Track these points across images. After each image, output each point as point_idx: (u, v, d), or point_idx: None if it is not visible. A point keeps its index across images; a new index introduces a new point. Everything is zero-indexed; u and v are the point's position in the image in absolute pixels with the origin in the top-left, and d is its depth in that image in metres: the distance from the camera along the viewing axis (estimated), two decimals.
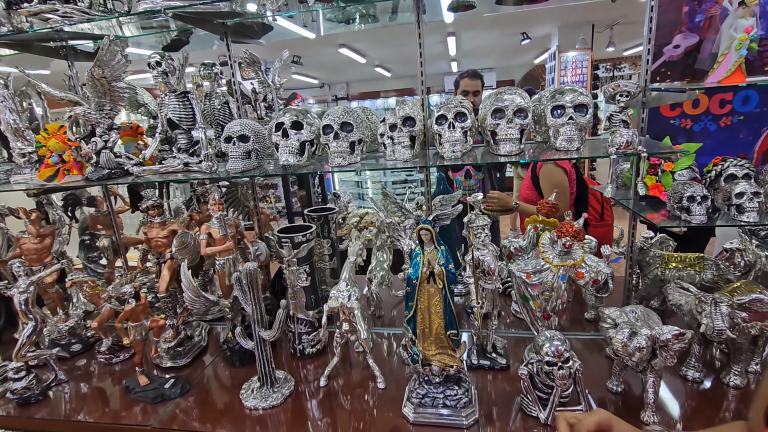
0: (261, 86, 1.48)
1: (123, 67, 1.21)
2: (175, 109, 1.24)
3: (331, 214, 1.45)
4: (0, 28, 1.21)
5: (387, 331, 1.47)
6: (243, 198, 1.53)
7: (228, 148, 1.16)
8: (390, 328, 1.49)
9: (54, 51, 1.41)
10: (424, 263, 0.95)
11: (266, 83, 1.46)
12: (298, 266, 1.25)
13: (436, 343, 0.99)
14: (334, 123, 1.10)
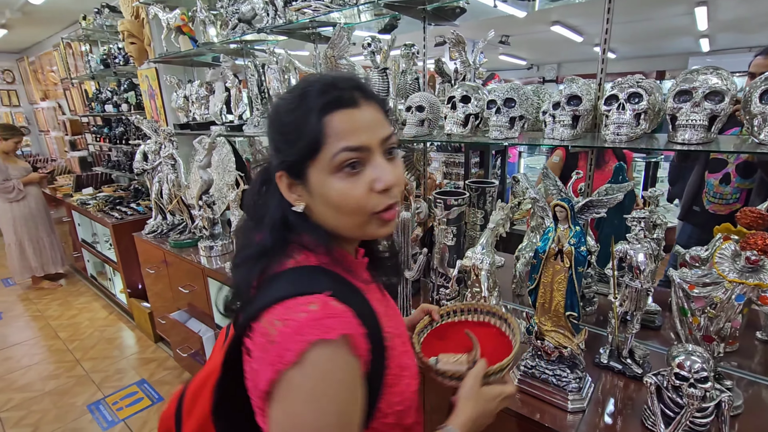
0: (463, 66, 1.61)
1: (346, 47, 1.57)
2: (375, 82, 1.54)
3: (489, 188, 1.54)
4: (278, 20, 1.73)
5: (525, 309, 1.50)
6: (416, 163, 1.77)
7: (406, 116, 1.38)
8: (529, 308, 1.51)
9: (307, 36, 1.90)
10: (554, 239, 0.97)
11: (468, 63, 1.60)
12: (447, 226, 1.41)
13: (553, 320, 1.01)
14: (498, 98, 1.18)
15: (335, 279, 0.62)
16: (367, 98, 0.60)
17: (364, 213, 0.59)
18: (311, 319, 0.52)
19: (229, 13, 1.97)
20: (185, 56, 2.49)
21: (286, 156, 0.60)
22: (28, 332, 3.30)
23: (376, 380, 0.59)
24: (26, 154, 6.09)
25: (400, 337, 0.68)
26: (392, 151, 0.62)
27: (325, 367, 0.52)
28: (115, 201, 3.48)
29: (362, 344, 0.56)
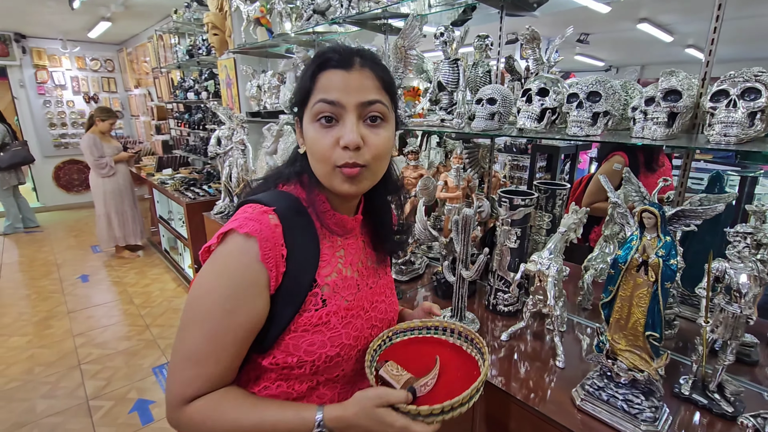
0: (535, 64, 1.51)
1: (417, 38, 1.54)
2: (445, 73, 1.49)
3: (559, 190, 1.43)
4: (351, 10, 1.74)
5: (590, 325, 1.38)
6: (481, 160, 1.69)
7: (476, 108, 1.32)
8: (594, 322, 1.38)
9: (378, 27, 1.90)
10: (638, 249, 0.86)
11: (541, 61, 1.49)
12: (511, 227, 1.33)
13: (629, 338, 0.90)
14: (581, 91, 1.08)
15: (295, 209, 0.70)
16: (365, 65, 0.66)
17: (329, 163, 0.66)
18: (242, 216, 0.66)
19: (305, 5, 2.01)
20: (261, 47, 2.59)
21: (293, 102, 0.72)
22: (108, 295, 3.66)
23: (286, 305, 0.66)
24: (119, 136, 6.75)
25: (339, 298, 0.72)
26: (375, 119, 0.67)
27: (226, 250, 0.64)
28: (190, 182, 3.74)
29: (272, 257, 0.63)
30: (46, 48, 6.30)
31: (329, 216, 0.74)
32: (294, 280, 0.66)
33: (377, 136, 0.67)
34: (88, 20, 5.05)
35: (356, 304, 0.75)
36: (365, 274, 0.80)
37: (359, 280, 0.78)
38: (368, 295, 0.79)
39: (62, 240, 5.17)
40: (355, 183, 0.67)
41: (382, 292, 0.84)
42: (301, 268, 0.67)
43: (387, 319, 0.84)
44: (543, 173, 3.31)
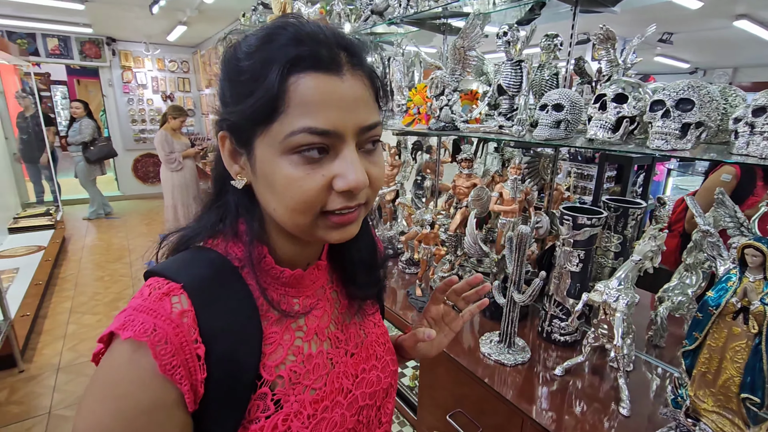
0: (609, 65, 1.35)
1: (478, 38, 1.43)
2: (507, 76, 1.38)
3: (633, 209, 1.26)
4: (409, 10, 1.67)
5: (662, 366, 1.20)
6: (543, 171, 1.55)
7: (540, 115, 1.20)
8: (667, 365, 1.20)
9: (437, 27, 1.81)
10: (737, 292, 0.71)
11: (615, 62, 1.33)
12: (573, 248, 1.19)
13: (718, 398, 0.75)
14: (668, 98, 0.93)
15: (220, 278, 0.49)
16: (356, 66, 0.46)
17: (312, 211, 0.46)
18: (134, 305, 0.44)
19: (363, 5, 1.98)
20: None
21: (231, 113, 0.46)
22: None
23: (221, 417, 0.46)
24: (189, 133, 7.25)
25: (301, 390, 0.51)
26: (374, 144, 0.49)
27: (109, 365, 0.43)
28: None
29: (179, 364, 0.42)
30: (132, 50, 6.92)
31: (272, 277, 0.53)
32: (225, 384, 0.46)
33: (377, 167, 0.49)
34: (167, 24, 5.45)
35: (330, 389, 0.54)
36: (341, 338, 0.60)
37: (332, 351, 0.57)
38: (349, 368, 0.58)
39: (135, 227, 5.62)
40: (349, 228, 0.49)
41: (371, 355, 0.63)
42: (232, 365, 0.46)
43: (382, 390, 0.63)
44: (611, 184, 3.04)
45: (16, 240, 3.90)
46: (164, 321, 0.43)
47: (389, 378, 0.65)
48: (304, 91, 0.42)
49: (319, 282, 0.59)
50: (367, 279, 0.63)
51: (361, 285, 0.62)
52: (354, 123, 0.45)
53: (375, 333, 0.66)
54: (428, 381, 1.38)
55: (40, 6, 4.70)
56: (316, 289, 0.58)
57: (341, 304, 0.62)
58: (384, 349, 0.66)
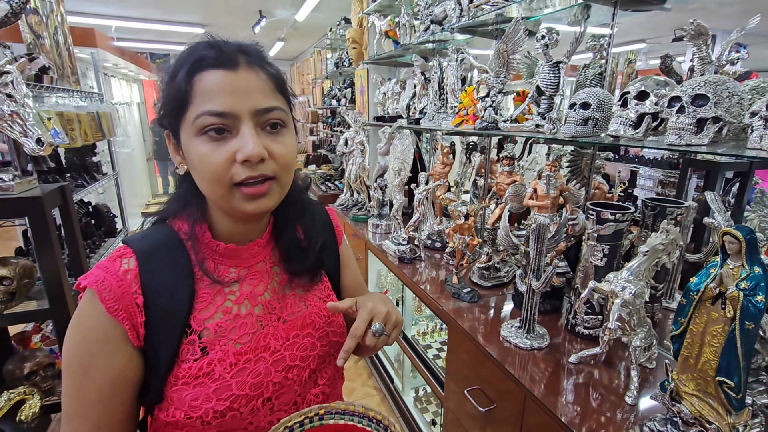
0: (700, 63, 1.21)
1: (521, 41, 1.51)
2: (545, 77, 1.43)
3: (672, 208, 1.24)
4: (462, 19, 1.80)
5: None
6: (585, 169, 1.56)
7: (568, 113, 1.25)
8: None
9: (489, 33, 1.90)
10: (715, 278, 0.73)
11: (708, 59, 1.27)
12: (597, 243, 1.22)
13: (698, 382, 0.77)
14: (684, 94, 0.94)
15: (165, 246, 0.62)
16: (253, 64, 0.57)
17: (224, 183, 0.55)
18: (101, 262, 0.59)
19: (424, 16, 2.14)
20: (389, 57, 2.83)
21: (161, 113, 0.59)
22: None
23: (160, 355, 0.58)
24: None
25: (226, 342, 0.62)
26: (275, 126, 0.58)
27: (80, 305, 0.58)
28: (326, 177, 4.28)
29: (121, 308, 0.56)
30: None
31: (212, 249, 0.64)
32: (161, 328, 0.58)
33: (281, 145, 0.58)
34: (268, 41, 6.19)
35: (255, 346, 0.63)
36: (276, 306, 0.68)
37: (263, 316, 0.66)
38: (279, 332, 0.67)
39: None
40: (262, 200, 0.58)
41: (308, 324, 0.70)
42: (167, 314, 0.59)
43: (316, 355, 0.70)
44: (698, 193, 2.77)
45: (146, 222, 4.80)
46: (111, 275, 0.57)
47: (327, 347, 0.72)
48: (205, 84, 0.54)
49: (259, 257, 0.68)
50: (299, 258, 0.71)
51: (293, 263, 0.70)
52: (248, 106, 0.55)
53: (318, 306, 0.73)
54: (454, 360, 1.49)
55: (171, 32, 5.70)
56: (255, 262, 0.68)
57: (281, 278, 0.70)
58: (325, 321, 0.72)
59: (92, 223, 2.54)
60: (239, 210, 0.58)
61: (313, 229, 0.75)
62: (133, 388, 0.60)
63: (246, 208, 0.57)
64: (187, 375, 0.58)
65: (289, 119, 0.61)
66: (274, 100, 0.58)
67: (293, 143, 0.62)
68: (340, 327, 0.76)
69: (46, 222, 1.29)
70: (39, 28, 2.11)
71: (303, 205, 0.74)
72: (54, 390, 1.62)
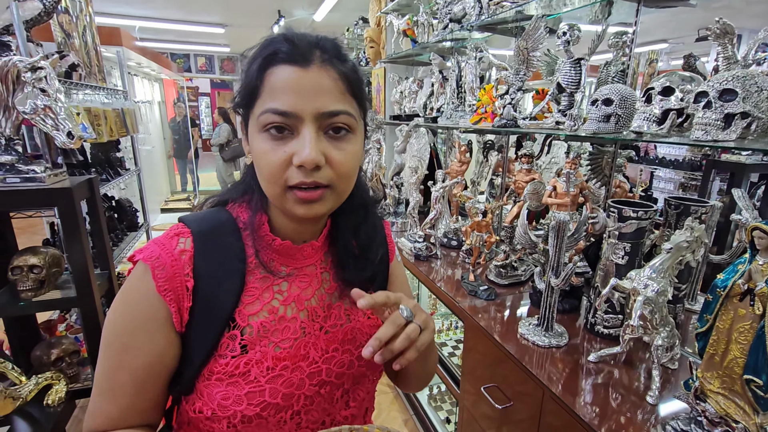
0: (725, 63, 1.20)
1: (541, 39, 1.50)
2: (566, 74, 1.42)
3: (696, 207, 1.21)
4: (482, 16, 1.80)
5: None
6: (606, 167, 1.54)
7: (590, 110, 1.24)
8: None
9: (509, 31, 1.90)
10: (743, 274, 0.72)
11: (733, 59, 1.24)
12: (618, 240, 1.20)
13: (724, 380, 0.75)
14: (712, 89, 0.93)
15: (222, 231, 0.60)
16: (326, 62, 0.54)
17: (278, 184, 0.54)
18: (157, 237, 0.58)
19: (443, 14, 2.15)
20: (407, 56, 2.84)
21: (236, 100, 0.59)
22: None
23: (198, 345, 0.56)
24: None
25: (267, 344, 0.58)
26: (339, 130, 0.55)
27: (130, 278, 0.57)
28: None
29: (171, 289, 0.54)
30: None
31: (266, 243, 0.61)
32: (205, 317, 0.56)
33: (342, 152, 0.55)
34: None
35: (295, 353, 0.59)
36: (320, 314, 0.64)
37: (307, 322, 0.62)
38: (320, 342, 0.63)
39: None
40: (314, 206, 0.55)
41: (349, 339, 0.65)
42: (213, 303, 0.56)
43: (351, 375, 0.65)
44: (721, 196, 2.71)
45: (165, 218, 4.91)
46: (167, 253, 0.55)
47: (365, 368, 0.66)
48: (274, 80, 0.52)
49: (311, 260, 0.65)
50: (355, 268, 0.67)
51: (348, 271, 0.66)
52: (313, 107, 0.52)
53: (364, 323, 0.68)
54: (470, 357, 1.48)
55: (192, 32, 5.81)
56: (306, 264, 0.65)
57: (330, 285, 0.66)
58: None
59: (115, 217, 2.61)
60: (291, 212, 0.56)
61: (374, 240, 0.71)
62: (167, 375, 0.58)
63: (297, 211, 0.55)
64: (222, 371, 0.55)
65: (357, 124, 0.57)
66: (343, 102, 0.55)
67: (357, 150, 0.58)
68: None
69: (75, 213, 1.33)
70: (69, 27, 2.18)
71: (365, 214, 0.70)
72: (79, 377, 1.67)
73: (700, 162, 2.81)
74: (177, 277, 0.55)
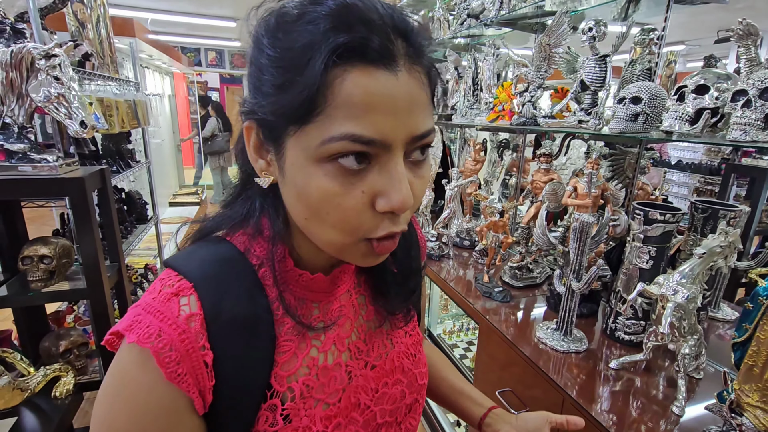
0: (748, 65, 1.13)
1: (565, 35, 1.46)
2: (590, 71, 1.38)
3: (725, 211, 1.17)
4: (501, 11, 1.75)
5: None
6: (628, 169, 1.50)
7: (617, 108, 1.19)
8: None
9: (529, 27, 1.85)
10: None
11: (757, 60, 1.14)
12: (643, 244, 1.16)
13: (763, 392, 0.72)
14: (752, 87, 0.88)
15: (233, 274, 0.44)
16: (414, 59, 0.37)
17: (355, 233, 0.40)
18: (142, 304, 0.41)
19: (461, 10, 2.11)
20: None
21: (261, 106, 0.39)
22: None
23: (230, 424, 0.43)
24: None
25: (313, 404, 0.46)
26: (423, 152, 0.41)
27: (119, 366, 0.40)
28: None
29: (186, 372, 0.39)
30: None
31: (292, 279, 0.47)
32: (234, 392, 0.42)
33: (422, 180, 0.42)
34: None
35: (345, 405, 0.49)
36: (363, 349, 0.53)
37: (351, 363, 0.51)
38: (369, 382, 0.52)
39: None
40: (384, 255, 0.44)
41: (396, 368, 0.55)
42: (242, 373, 0.43)
43: (404, 405, 0.56)
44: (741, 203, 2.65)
45: (173, 211, 4.92)
46: (170, 326, 0.39)
47: (415, 393, 0.57)
48: (350, 90, 0.34)
49: (345, 286, 0.52)
50: (398, 289, 0.55)
51: (389, 295, 0.55)
52: (406, 131, 0.37)
53: (404, 343, 0.58)
54: (484, 360, 1.45)
55: (203, 25, 5.81)
56: (340, 293, 0.52)
57: (367, 310, 0.55)
58: (412, 361, 0.57)
59: (125, 209, 2.60)
60: (354, 262, 0.44)
61: (410, 247, 0.58)
62: None
63: (366, 263, 0.43)
64: None
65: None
66: (431, 117, 0.40)
67: (430, 173, 0.45)
68: (425, 365, 0.60)
69: (86, 203, 1.31)
70: (83, 16, 2.17)
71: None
72: (87, 369, 1.66)
73: (719, 166, 2.75)
74: (192, 355, 0.40)
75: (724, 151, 2.58)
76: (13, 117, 1.28)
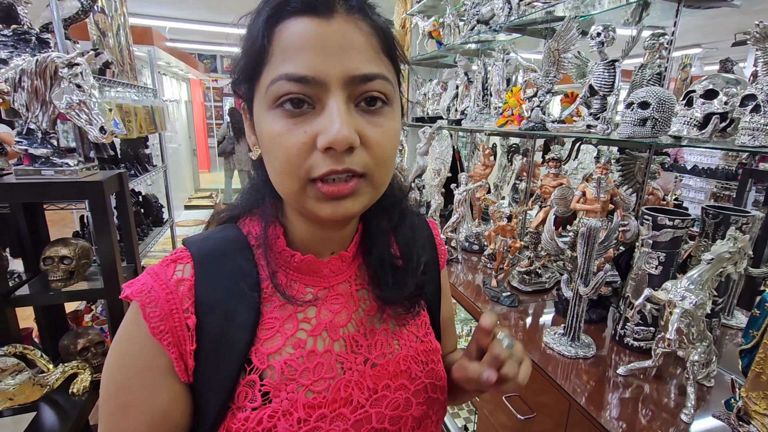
0: (765, 68, 1.06)
1: (574, 40, 1.46)
2: (599, 76, 1.38)
3: (736, 217, 1.15)
4: (511, 17, 1.76)
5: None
6: (638, 173, 1.48)
7: (625, 113, 1.19)
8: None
9: (538, 32, 1.86)
10: None
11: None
12: (652, 249, 1.15)
13: None
14: (761, 92, 0.88)
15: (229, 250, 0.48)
16: (353, 10, 0.41)
17: (298, 176, 0.40)
18: (153, 266, 0.46)
19: (471, 16, 2.12)
20: (431, 58, 2.82)
21: (235, 77, 0.45)
22: None
23: (210, 396, 0.44)
24: None
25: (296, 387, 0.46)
26: (374, 102, 0.42)
27: (124, 321, 0.45)
28: None
29: (167, 330, 0.42)
30: None
31: (284, 259, 0.49)
32: (214, 361, 0.44)
33: (379, 129, 0.42)
34: None
35: (333, 397, 0.47)
36: (362, 343, 0.51)
37: (345, 355, 0.50)
38: (366, 380, 0.50)
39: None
40: (344, 203, 0.42)
41: (402, 372, 0.52)
42: (223, 343, 0.44)
43: (411, 417, 0.52)
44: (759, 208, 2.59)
45: (188, 214, 5.02)
46: (160, 285, 0.43)
47: (425, 406, 0.53)
48: (286, 37, 0.39)
49: (343, 276, 0.52)
50: (395, 282, 0.53)
51: (386, 287, 0.53)
52: (340, 70, 0.39)
53: (416, 348, 0.55)
54: None
55: (220, 33, 5.95)
56: (337, 282, 0.52)
57: (370, 305, 0.54)
58: (423, 369, 0.54)
59: (141, 212, 2.67)
60: (313, 212, 0.43)
61: (413, 244, 0.56)
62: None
63: (321, 212, 0.42)
64: (242, 428, 0.43)
65: (394, 94, 0.44)
66: (378, 64, 0.42)
67: (396, 128, 0.44)
68: (441, 379, 0.56)
69: (105, 206, 1.36)
70: (104, 26, 2.25)
71: (402, 212, 0.56)
72: (103, 367, 1.71)
73: (735, 171, 2.70)
74: (174, 315, 0.43)
75: (741, 155, 2.53)
76: (37, 123, 1.33)
